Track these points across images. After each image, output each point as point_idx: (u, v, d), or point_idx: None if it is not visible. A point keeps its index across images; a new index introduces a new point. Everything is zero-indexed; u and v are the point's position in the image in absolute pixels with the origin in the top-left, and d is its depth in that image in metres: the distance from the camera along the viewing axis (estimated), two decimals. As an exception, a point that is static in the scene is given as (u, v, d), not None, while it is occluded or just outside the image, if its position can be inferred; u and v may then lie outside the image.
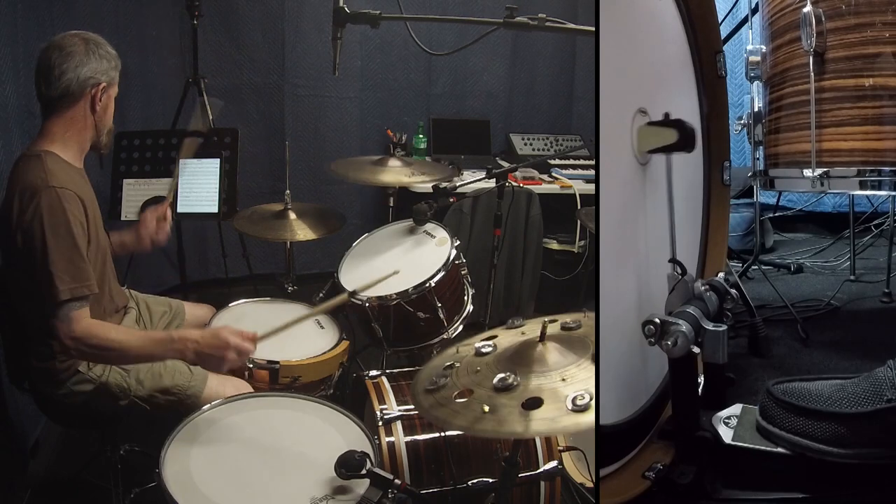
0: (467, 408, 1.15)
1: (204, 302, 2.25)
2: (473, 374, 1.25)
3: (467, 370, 1.27)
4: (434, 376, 1.27)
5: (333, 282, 2.22)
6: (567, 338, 1.28)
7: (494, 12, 1.65)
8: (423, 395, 1.24)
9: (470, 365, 1.29)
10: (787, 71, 1.95)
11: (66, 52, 1.61)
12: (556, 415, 1.08)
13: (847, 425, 1.21)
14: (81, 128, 1.68)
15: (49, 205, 1.54)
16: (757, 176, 2.18)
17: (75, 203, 1.58)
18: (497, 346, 1.33)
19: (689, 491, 1.26)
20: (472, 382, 1.22)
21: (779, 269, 3.05)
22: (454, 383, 1.24)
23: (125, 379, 1.73)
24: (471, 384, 1.21)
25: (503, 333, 1.41)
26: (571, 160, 3.94)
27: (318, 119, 3.84)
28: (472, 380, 1.23)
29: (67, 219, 1.55)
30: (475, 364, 1.28)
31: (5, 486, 2.19)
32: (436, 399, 1.21)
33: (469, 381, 1.22)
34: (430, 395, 1.22)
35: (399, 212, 2.76)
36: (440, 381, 1.24)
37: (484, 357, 1.30)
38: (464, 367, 1.29)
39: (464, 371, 1.27)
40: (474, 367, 1.27)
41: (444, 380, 1.24)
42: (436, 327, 2.09)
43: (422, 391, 1.25)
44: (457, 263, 2.15)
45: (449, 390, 1.22)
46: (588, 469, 1.74)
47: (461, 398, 1.18)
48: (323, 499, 1.30)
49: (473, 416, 1.13)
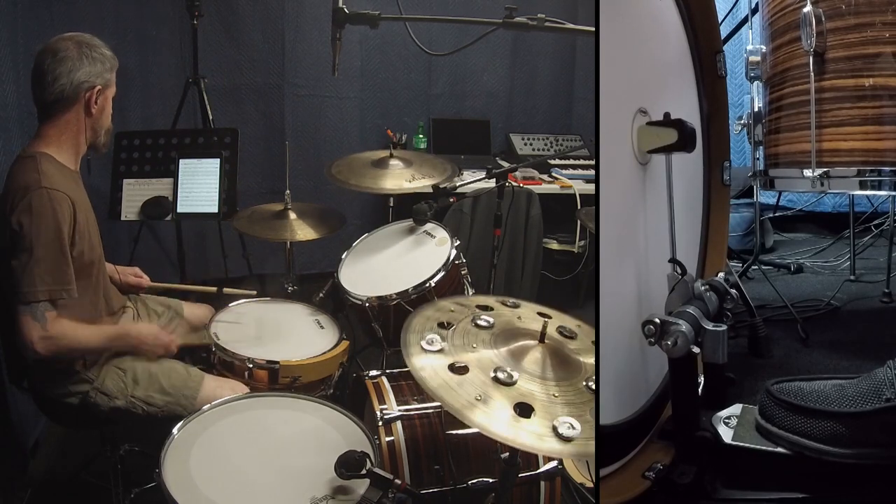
0: (461, 387, 1.15)
1: (204, 302, 2.25)
2: (470, 349, 1.24)
3: (464, 340, 1.27)
4: (428, 331, 1.27)
5: (333, 282, 2.22)
6: (563, 350, 1.29)
7: (494, 12, 1.65)
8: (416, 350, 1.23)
9: (467, 335, 1.29)
10: (787, 71, 1.95)
11: (58, 57, 1.61)
12: (544, 433, 1.09)
13: (847, 425, 1.21)
14: (77, 131, 1.68)
15: (39, 205, 1.54)
16: (757, 176, 2.18)
17: (65, 205, 1.58)
18: (495, 324, 1.33)
19: (689, 491, 1.26)
20: (470, 359, 1.21)
21: (779, 269, 3.05)
22: (450, 349, 1.23)
23: (122, 379, 1.73)
24: (467, 360, 1.21)
25: (499, 308, 1.41)
26: (571, 160, 3.94)
27: (318, 119, 3.84)
28: (470, 356, 1.22)
29: (57, 220, 1.56)
30: (472, 336, 1.28)
31: (5, 486, 2.19)
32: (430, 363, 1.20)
33: (465, 356, 1.22)
34: (424, 355, 1.22)
35: (399, 212, 2.76)
36: (436, 343, 1.23)
37: (481, 331, 1.30)
38: (460, 332, 1.29)
39: (460, 339, 1.27)
40: (471, 341, 1.27)
41: (440, 342, 1.24)
42: (436, 327, 2.09)
43: (415, 344, 1.24)
44: (457, 263, 2.15)
45: (445, 356, 1.21)
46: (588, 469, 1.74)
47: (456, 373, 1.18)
48: (323, 499, 1.30)
49: (466, 401, 1.12)
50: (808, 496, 1.24)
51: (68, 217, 1.59)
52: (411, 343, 1.25)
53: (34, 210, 1.54)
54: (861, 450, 1.21)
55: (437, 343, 1.24)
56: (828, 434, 1.22)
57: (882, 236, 3.13)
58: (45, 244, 1.54)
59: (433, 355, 1.22)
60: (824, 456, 1.22)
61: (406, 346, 1.25)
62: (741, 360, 1.99)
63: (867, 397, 1.22)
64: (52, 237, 1.55)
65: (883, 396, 1.20)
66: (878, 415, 1.19)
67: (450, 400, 1.12)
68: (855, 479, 1.23)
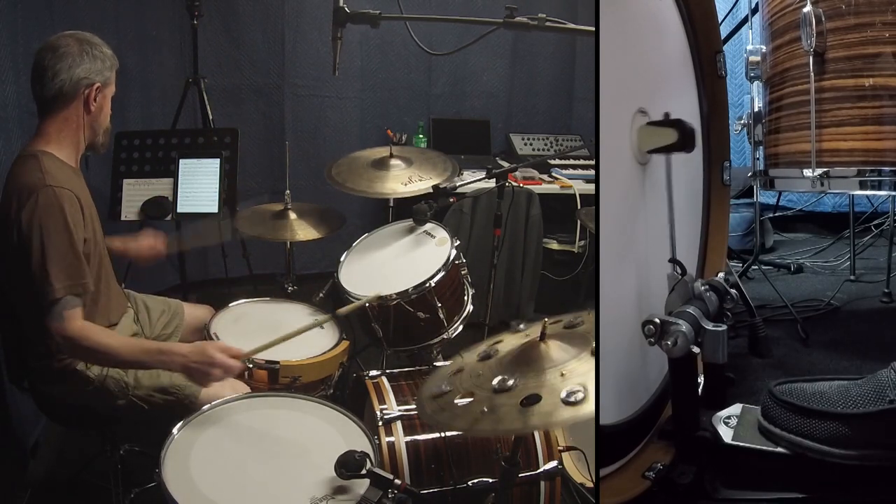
0: (467, 410, 1.16)
1: (204, 302, 2.25)
2: (475, 378, 1.25)
3: (470, 375, 1.28)
4: (441, 383, 1.28)
5: (333, 282, 2.21)
6: (568, 334, 1.28)
7: (494, 12, 1.65)
8: (428, 400, 1.25)
9: (473, 370, 1.29)
10: (787, 71, 1.95)
11: (59, 53, 1.61)
12: (553, 409, 1.08)
13: (849, 426, 1.21)
14: (76, 128, 1.68)
15: (46, 204, 1.54)
16: (757, 176, 2.18)
17: (72, 202, 1.59)
18: (499, 351, 1.33)
19: (689, 491, 1.26)
20: (474, 385, 1.22)
21: (779, 269, 3.04)
22: (457, 388, 1.24)
23: (123, 378, 1.73)
24: (472, 387, 1.22)
25: (507, 338, 1.41)
26: (571, 160, 3.93)
27: (318, 119, 3.84)
28: (474, 383, 1.23)
29: (65, 217, 1.55)
30: (477, 369, 1.29)
31: (5, 486, 2.19)
32: (439, 404, 1.22)
33: (470, 385, 1.23)
34: (434, 401, 1.24)
35: (399, 212, 2.75)
36: (445, 388, 1.25)
37: (486, 361, 1.31)
38: (467, 372, 1.30)
39: (467, 376, 1.28)
40: (476, 372, 1.27)
41: (448, 386, 1.25)
42: (436, 327, 2.09)
43: (427, 397, 1.26)
44: (457, 263, 2.14)
45: (452, 395, 1.22)
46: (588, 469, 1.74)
47: (462, 400, 1.19)
48: (323, 499, 1.30)
49: (473, 418, 1.13)
50: (808, 496, 1.24)
51: (76, 213, 1.59)
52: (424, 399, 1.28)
53: (42, 208, 1.54)
54: (864, 451, 1.21)
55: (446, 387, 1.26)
56: (831, 435, 1.22)
57: (882, 236, 3.13)
58: (57, 243, 1.54)
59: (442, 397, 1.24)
60: (827, 457, 1.22)
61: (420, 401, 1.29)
62: (741, 360, 1.99)
63: (870, 399, 1.22)
64: (63, 235, 1.55)
65: (886, 398, 1.20)
66: (882, 416, 1.19)
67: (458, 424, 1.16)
68: (855, 480, 1.23)
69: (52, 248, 1.53)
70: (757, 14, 2.26)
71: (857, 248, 2.98)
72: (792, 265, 3.03)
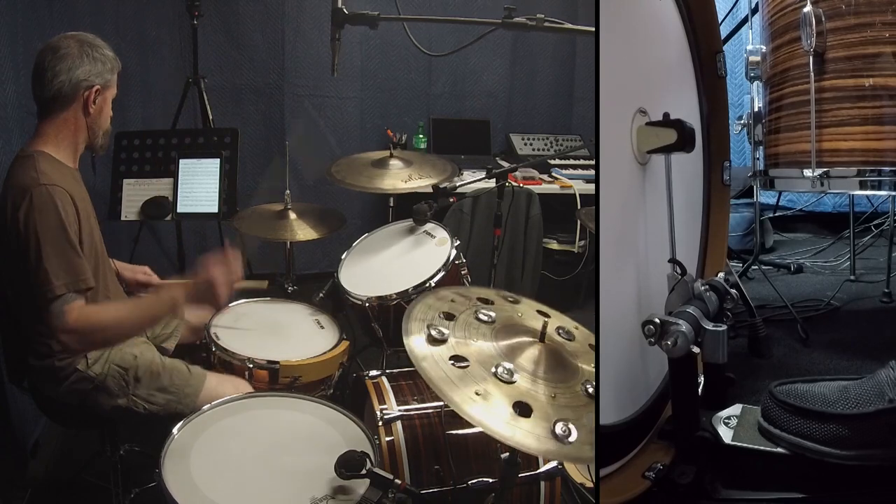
0: (461, 381, 1.15)
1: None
2: (472, 341, 1.25)
3: (465, 332, 1.27)
4: (433, 321, 1.27)
5: (333, 282, 2.21)
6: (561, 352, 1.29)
7: (494, 12, 1.65)
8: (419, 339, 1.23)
9: (468, 327, 1.29)
10: (787, 71, 1.95)
11: (59, 55, 1.61)
12: (542, 434, 1.09)
13: (849, 426, 1.21)
14: (74, 129, 1.68)
15: (40, 202, 1.54)
16: (757, 176, 2.18)
17: (66, 200, 1.58)
18: (496, 320, 1.33)
19: (688, 491, 1.26)
20: (470, 352, 1.22)
21: (779, 269, 3.04)
22: (452, 340, 1.23)
23: (123, 377, 1.73)
24: (468, 353, 1.21)
25: (500, 303, 1.41)
26: (571, 160, 3.94)
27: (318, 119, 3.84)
28: (471, 348, 1.23)
29: (59, 215, 1.56)
30: (473, 329, 1.28)
31: (5, 486, 2.19)
32: (431, 353, 1.20)
33: (467, 349, 1.22)
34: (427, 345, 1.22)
35: (399, 212, 2.75)
36: (442, 332, 1.23)
37: (483, 325, 1.31)
38: (461, 324, 1.29)
39: (461, 331, 1.27)
40: (472, 334, 1.27)
41: (444, 331, 1.24)
42: (436, 327, 2.09)
43: (419, 332, 1.24)
44: (457, 263, 2.14)
45: (446, 348, 1.21)
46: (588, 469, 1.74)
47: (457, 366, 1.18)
48: (323, 499, 1.30)
49: (465, 395, 1.12)
50: (808, 497, 1.24)
51: (71, 211, 1.59)
52: (413, 331, 1.25)
53: (36, 207, 1.54)
54: (864, 451, 1.21)
55: (443, 332, 1.24)
56: (831, 436, 1.22)
57: (882, 236, 3.12)
58: (53, 240, 1.54)
59: (436, 346, 1.22)
60: (827, 458, 1.22)
61: (408, 333, 1.24)
62: (741, 360, 1.99)
63: (870, 399, 1.22)
64: (59, 232, 1.55)
65: (886, 397, 1.20)
66: (881, 416, 1.19)
67: (450, 393, 1.12)
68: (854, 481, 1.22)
69: (48, 245, 1.53)
70: (757, 14, 2.26)
71: (857, 248, 2.98)
72: (792, 265, 3.03)
